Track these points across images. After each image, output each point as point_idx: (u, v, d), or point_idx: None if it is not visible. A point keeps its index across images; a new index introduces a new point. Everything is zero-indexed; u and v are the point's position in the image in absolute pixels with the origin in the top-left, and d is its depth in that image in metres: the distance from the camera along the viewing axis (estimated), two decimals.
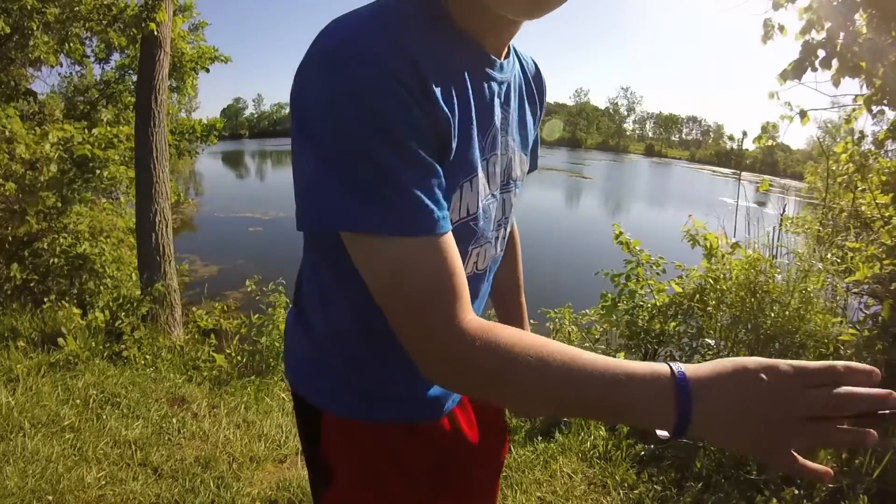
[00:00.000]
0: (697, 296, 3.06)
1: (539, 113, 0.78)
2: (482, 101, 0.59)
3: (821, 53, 2.67)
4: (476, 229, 0.63)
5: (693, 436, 0.45)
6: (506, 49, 0.63)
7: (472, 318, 0.52)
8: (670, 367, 0.46)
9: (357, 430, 0.74)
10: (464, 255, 0.63)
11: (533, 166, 0.83)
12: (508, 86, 0.65)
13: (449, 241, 0.52)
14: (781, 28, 2.92)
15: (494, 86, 0.61)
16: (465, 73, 0.56)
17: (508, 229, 0.76)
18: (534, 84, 0.75)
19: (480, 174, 0.60)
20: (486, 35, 0.58)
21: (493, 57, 0.60)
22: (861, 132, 3.45)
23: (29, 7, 5.16)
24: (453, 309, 0.51)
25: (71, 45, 6.57)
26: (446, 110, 0.52)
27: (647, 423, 0.47)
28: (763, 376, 0.44)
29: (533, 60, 0.76)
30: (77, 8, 5.35)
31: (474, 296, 0.70)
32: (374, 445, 0.74)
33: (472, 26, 0.56)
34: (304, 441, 0.79)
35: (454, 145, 0.54)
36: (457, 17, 0.55)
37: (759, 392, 0.44)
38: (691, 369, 0.46)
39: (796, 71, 2.72)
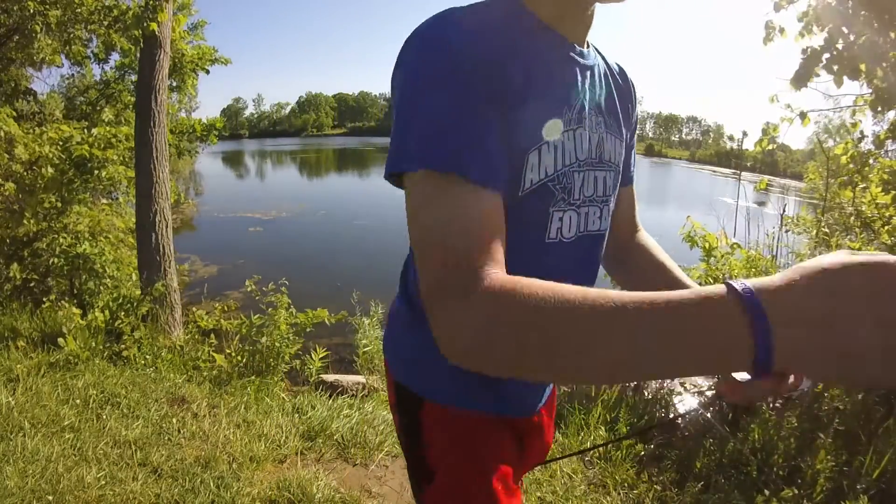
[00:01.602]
0: None
1: (632, 112, 0.80)
2: (566, 78, 0.65)
3: (824, 58, 2.67)
4: (555, 190, 0.65)
5: (783, 368, 0.35)
6: (585, 41, 0.69)
7: (503, 274, 0.50)
8: (729, 286, 0.38)
9: (460, 422, 0.73)
10: (544, 215, 0.65)
11: (627, 178, 0.84)
12: (594, 72, 0.70)
13: (499, 202, 0.54)
14: (782, 30, 2.92)
15: (577, 68, 0.67)
16: (546, 54, 0.63)
17: (608, 215, 0.75)
18: (622, 82, 0.78)
19: (563, 140, 0.64)
20: (565, 24, 0.65)
21: (573, 44, 0.67)
22: (861, 132, 3.45)
23: (31, 10, 5.15)
24: (491, 266, 0.50)
25: (73, 47, 6.57)
26: (518, 85, 0.58)
27: (717, 365, 0.38)
28: (853, 275, 0.35)
29: (617, 63, 0.80)
30: (78, 10, 5.34)
31: (558, 266, 0.66)
32: (477, 440, 0.73)
33: (552, 18, 0.64)
34: (403, 434, 0.78)
35: (527, 113, 0.59)
36: (538, 10, 0.64)
37: (855, 291, 0.34)
38: (757, 284, 0.37)
39: (801, 79, 2.73)
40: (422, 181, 0.53)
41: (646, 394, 3.02)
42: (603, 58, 0.76)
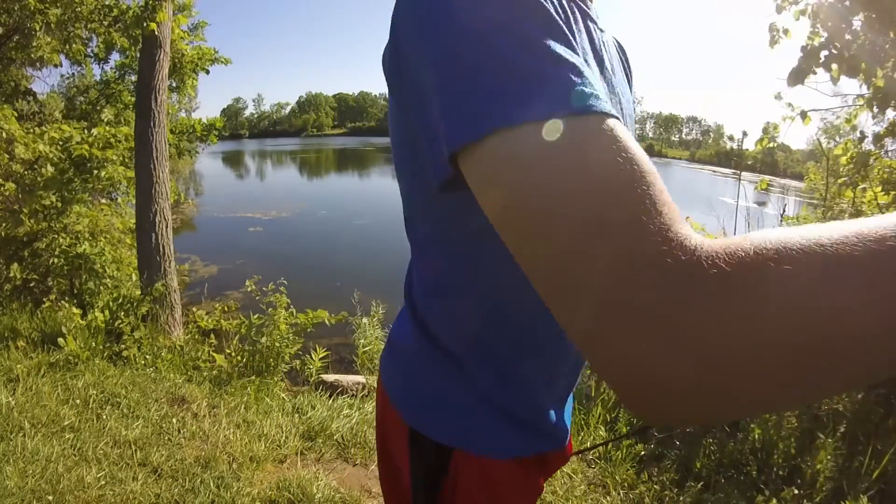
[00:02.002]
0: None
1: (631, 89, 0.69)
2: (592, 42, 0.52)
3: (822, 55, 2.67)
4: None
5: None
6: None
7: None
8: None
9: (497, 474, 0.59)
10: None
11: None
12: (606, 38, 0.58)
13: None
14: (786, 31, 2.92)
15: (599, 31, 0.55)
16: (573, 7, 0.49)
17: None
18: (623, 57, 0.68)
19: None
20: None
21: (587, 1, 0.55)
22: (861, 132, 3.45)
23: (31, 8, 5.16)
24: (674, 219, 0.29)
25: (73, 45, 6.58)
26: (575, 33, 0.43)
27: None
28: None
29: (615, 38, 0.69)
30: (79, 9, 5.35)
31: None
32: (514, 495, 0.61)
33: None
34: (412, 486, 0.61)
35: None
36: None
37: None
38: None
39: (799, 75, 2.73)
40: (521, 134, 0.32)
41: None
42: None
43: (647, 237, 0.28)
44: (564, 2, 0.43)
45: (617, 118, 0.33)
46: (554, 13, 0.37)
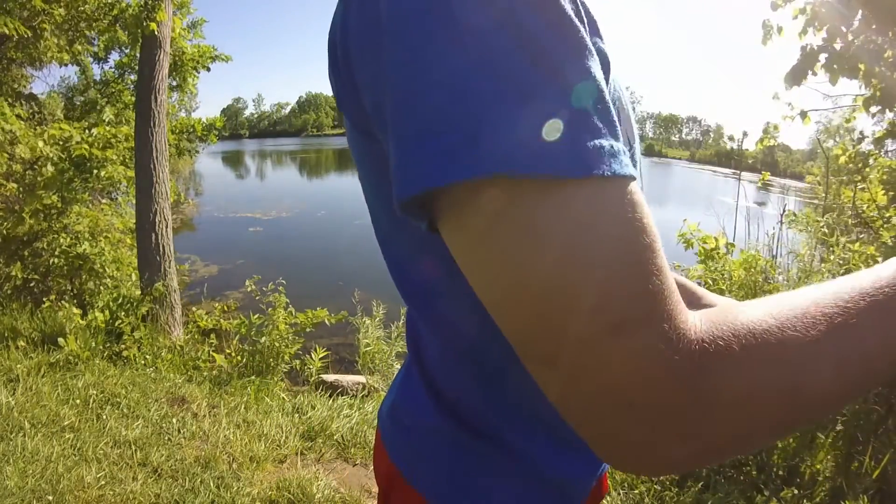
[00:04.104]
0: None
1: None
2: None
3: (822, 58, 2.68)
4: None
5: None
6: None
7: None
8: None
9: None
10: None
11: None
12: None
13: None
14: (780, 29, 2.93)
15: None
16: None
17: None
18: None
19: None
20: None
21: None
22: (860, 132, 3.46)
23: (37, 8, 5.17)
24: (677, 302, 0.28)
25: (77, 45, 6.59)
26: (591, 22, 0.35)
27: None
28: None
29: None
30: (81, 9, 5.36)
31: None
32: None
33: None
34: None
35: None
36: None
37: None
38: None
39: (796, 76, 2.73)
40: (554, 193, 0.26)
41: None
42: None
43: (662, 334, 0.26)
44: None
45: (635, 178, 0.29)
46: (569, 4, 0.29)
